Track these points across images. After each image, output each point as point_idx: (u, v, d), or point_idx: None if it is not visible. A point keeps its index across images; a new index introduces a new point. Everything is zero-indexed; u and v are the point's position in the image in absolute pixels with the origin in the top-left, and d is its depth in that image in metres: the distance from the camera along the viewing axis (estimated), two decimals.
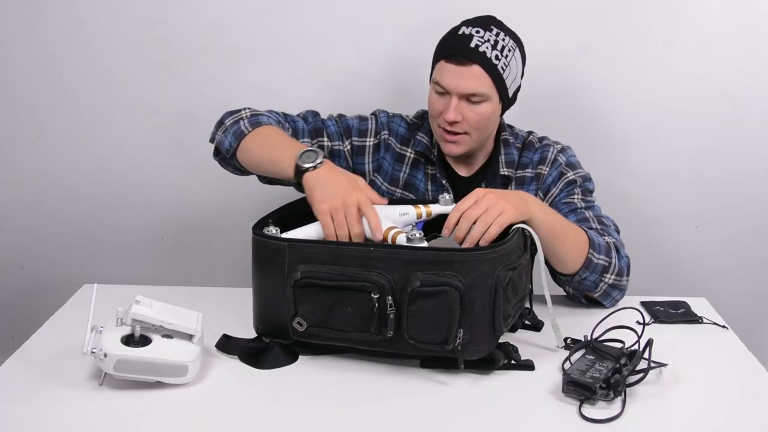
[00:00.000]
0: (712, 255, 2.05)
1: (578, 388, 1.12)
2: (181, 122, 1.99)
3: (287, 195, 1.50)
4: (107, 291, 1.26)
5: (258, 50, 1.94)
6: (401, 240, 1.22)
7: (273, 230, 1.26)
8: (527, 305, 1.36)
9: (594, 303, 1.47)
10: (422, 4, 1.89)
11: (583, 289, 1.44)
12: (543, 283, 1.29)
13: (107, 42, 1.93)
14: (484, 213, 1.24)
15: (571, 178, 1.55)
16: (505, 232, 1.24)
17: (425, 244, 1.21)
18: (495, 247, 1.17)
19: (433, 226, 1.35)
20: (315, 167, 1.30)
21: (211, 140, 1.52)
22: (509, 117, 1.66)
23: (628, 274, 1.46)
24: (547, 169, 1.57)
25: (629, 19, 1.89)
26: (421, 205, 1.37)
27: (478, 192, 1.28)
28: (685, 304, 1.49)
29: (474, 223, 1.24)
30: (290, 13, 1.91)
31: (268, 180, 1.53)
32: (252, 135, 1.44)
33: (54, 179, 2.04)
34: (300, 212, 1.46)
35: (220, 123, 1.50)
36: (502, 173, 1.57)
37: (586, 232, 1.42)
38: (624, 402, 1.11)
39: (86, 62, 1.95)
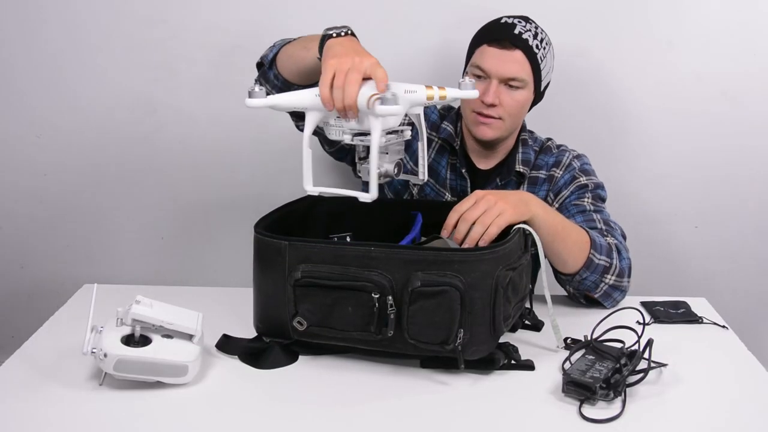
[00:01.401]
0: (712, 255, 2.05)
1: (578, 388, 1.12)
2: (181, 122, 1.99)
3: (287, 195, 1.50)
4: (107, 291, 1.26)
5: (258, 50, 1.93)
6: (376, 104, 1.12)
7: (257, 89, 1.19)
8: (527, 305, 1.36)
9: (594, 303, 1.47)
10: (423, 6, 1.89)
11: (584, 289, 1.44)
12: (543, 283, 1.29)
13: (107, 42, 1.93)
14: (482, 214, 1.24)
15: (583, 182, 1.57)
16: (507, 232, 1.24)
17: (400, 106, 1.12)
18: (495, 247, 1.17)
19: (433, 228, 1.35)
20: (339, 35, 1.23)
21: (258, 62, 1.48)
22: None
23: (629, 276, 1.46)
24: (561, 172, 1.59)
25: (629, 19, 1.89)
26: (435, 87, 1.19)
27: (477, 193, 1.28)
28: (685, 304, 1.49)
29: (473, 224, 1.24)
30: (290, 13, 1.91)
31: (297, 116, 1.50)
32: (294, 41, 1.41)
33: (54, 179, 2.04)
34: (300, 212, 1.46)
35: (272, 45, 1.47)
36: (517, 170, 1.60)
37: (587, 232, 1.42)
38: (624, 402, 1.11)
39: (86, 62, 1.95)
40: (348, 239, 1.46)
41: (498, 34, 1.51)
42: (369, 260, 1.16)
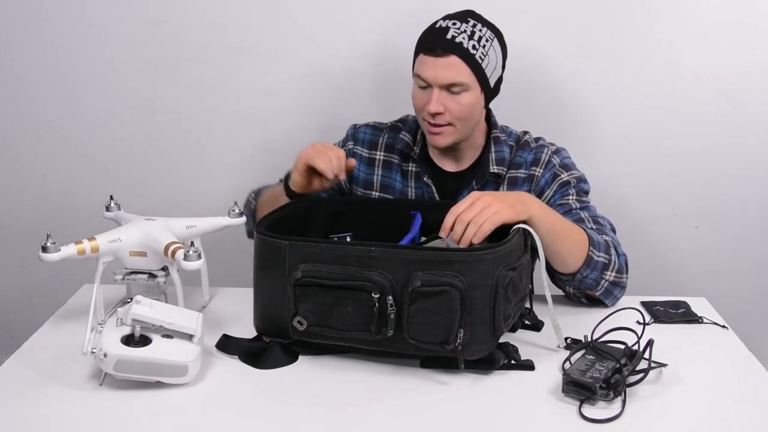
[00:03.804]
0: (712, 255, 2.05)
1: (578, 388, 1.12)
2: (181, 122, 1.99)
3: None
4: (107, 291, 1.26)
5: (258, 50, 1.94)
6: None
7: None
8: (527, 305, 1.36)
9: (595, 302, 1.47)
10: (423, 4, 1.88)
11: (585, 288, 1.44)
12: (543, 282, 1.29)
13: (107, 42, 1.93)
14: (477, 214, 1.24)
15: (565, 179, 1.55)
16: (507, 232, 1.24)
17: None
18: (495, 247, 1.17)
19: (432, 228, 1.35)
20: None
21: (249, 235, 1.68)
22: (509, 116, 1.66)
23: (627, 272, 1.46)
24: (541, 171, 1.57)
25: (629, 19, 1.89)
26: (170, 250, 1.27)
27: (474, 195, 1.28)
28: (685, 304, 1.49)
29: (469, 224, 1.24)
30: (290, 13, 1.91)
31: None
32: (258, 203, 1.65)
33: (54, 179, 2.04)
34: (300, 212, 1.46)
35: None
36: (492, 171, 1.57)
37: (585, 229, 1.42)
38: (624, 402, 1.11)
39: (86, 62, 1.95)
40: (348, 239, 1.46)
41: (431, 41, 1.49)
42: (369, 260, 1.16)
